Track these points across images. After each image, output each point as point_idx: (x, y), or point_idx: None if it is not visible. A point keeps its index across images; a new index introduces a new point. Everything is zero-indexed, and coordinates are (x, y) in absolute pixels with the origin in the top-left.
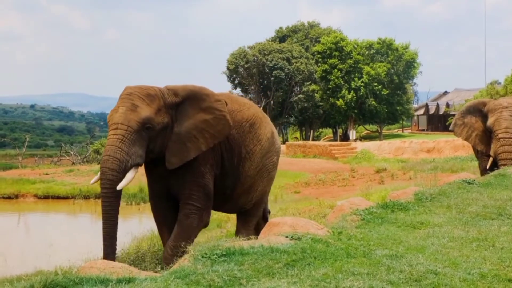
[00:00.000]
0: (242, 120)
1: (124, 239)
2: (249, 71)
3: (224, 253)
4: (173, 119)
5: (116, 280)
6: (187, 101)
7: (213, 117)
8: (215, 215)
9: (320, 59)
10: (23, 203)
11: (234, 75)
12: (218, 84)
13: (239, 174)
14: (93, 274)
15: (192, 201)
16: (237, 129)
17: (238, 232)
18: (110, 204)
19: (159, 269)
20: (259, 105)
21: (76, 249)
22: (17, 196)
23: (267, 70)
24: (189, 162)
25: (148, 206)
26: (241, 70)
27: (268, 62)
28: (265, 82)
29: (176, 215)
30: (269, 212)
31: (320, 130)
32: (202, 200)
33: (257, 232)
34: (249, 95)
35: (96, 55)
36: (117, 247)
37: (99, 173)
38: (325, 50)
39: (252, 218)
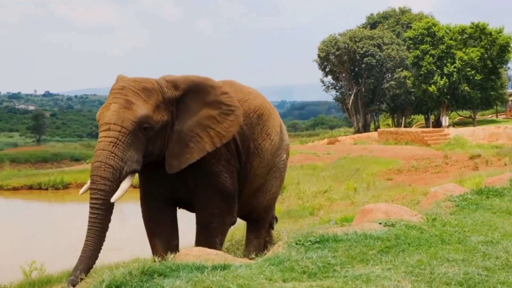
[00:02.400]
0: (249, 111)
1: None
2: (340, 58)
3: (318, 240)
4: (174, 116)
5: (212, 266)
6: (189, 94)
7: (220, 113)
8: (308, 203)
9: (411, 45)
10: None
11: (325, 63)
12: (309, 72)
13: (247, 172)
14: (189, 261)
15: (208, 210)
16: (245, 120)
17: (249, 243)
18: (97, 217)
19: (253, 256)
20: (350, 92)
21: None
22: None
23: (358, 57)
24: (198, 161)
25: None
26: (332, 57)
27: (359, 49)
28: (356, 69)
29: (174, 222)
30: (276, 219)
31: (412, 116)
32: (221, 203)
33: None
34: (340, 83)
35: (187, 45)
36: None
37: (88, 182)
38: (416, 36)
39: (264, 225)
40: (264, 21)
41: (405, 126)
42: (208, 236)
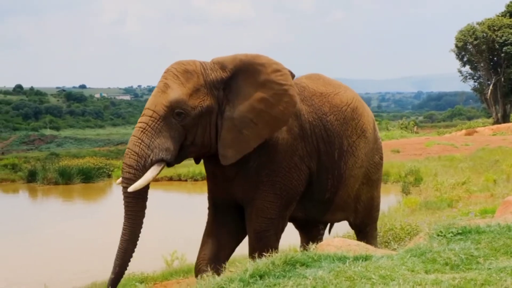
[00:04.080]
0: (342, 104)
1: None
2: (478, 48)
3: (460, 231)
4: (221, 101)
5: (353, 257)
6: (238, 76)
7: (273, 94)
8: (446, 195)
9: None
10: None
11: (463, 53)
12: (446, 62)
13: (342, 172)
14: (331, 251)
15: (265, 214)
16: (336, 115)
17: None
18: (128, 205)
19: (395, 247)
20: (488, 82)
21: None
22: None
23: (497, 46)
24: (266, 154)
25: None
26: (470, 47)
27: (498, 38)
28: (495, 58)
29: (233, 230)
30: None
31: None
32: (278, 207)
33: None
34: (478, 73)
35: (322, 37)
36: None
37: None
38: None
39: (371, 225)
40: (400, 10)
41: None
42: (265, 246)
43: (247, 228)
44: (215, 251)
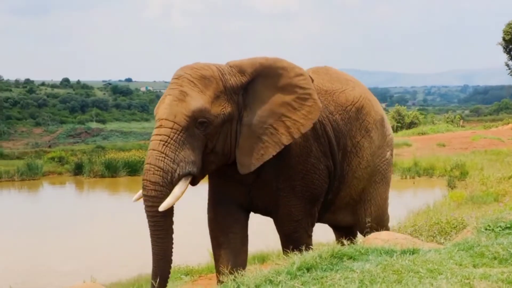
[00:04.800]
0: (347, 103)
1: (399, 212)
2: None
3: (508, 225)
4: (241, 107)
5: (401, 251)
6: (258, 79)
7: (295, 98)
8: (492, 189)
9: None
10: None
11: (510, 46)
12: (493, 55)
13: (345, 174)
14: (378, 245)
15: (291, 217)
16: (341, 114)
17: None
18: (156, 224)
19: (442, 241)
20: None
21: None
22: None
23: None
24: (281, 159)
25: (424, 180)
26: None
27: None
28: None
29: (244, 230)
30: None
31: None
32: (304, 207)
33: None
34: None
35: (367, 32)
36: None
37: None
38: None
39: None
40: (445, 3)
41: None
42: (298, 245)
43: (277, 230)
44: (232, 260)
